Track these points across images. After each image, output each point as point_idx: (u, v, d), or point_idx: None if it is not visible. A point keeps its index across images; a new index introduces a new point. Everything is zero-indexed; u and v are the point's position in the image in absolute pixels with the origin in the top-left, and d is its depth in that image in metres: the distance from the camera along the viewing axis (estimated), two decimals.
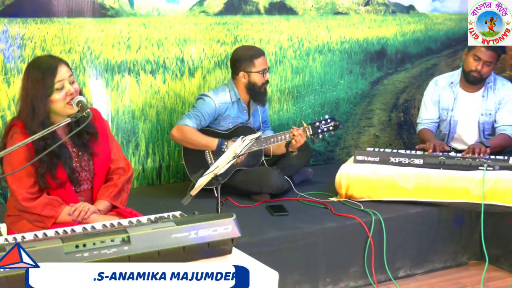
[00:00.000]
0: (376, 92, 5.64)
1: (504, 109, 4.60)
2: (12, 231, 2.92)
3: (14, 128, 2.89)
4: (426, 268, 4.12)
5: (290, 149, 4.26)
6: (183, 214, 2.62)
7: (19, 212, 2.94)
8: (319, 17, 5.32)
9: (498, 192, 3.97)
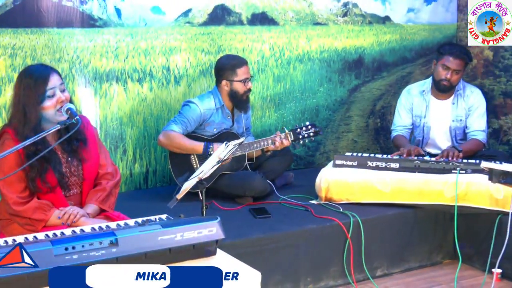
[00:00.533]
0: (354, 99, 5.66)
1: (474, 115, 4.65)
2: (3, 234, 2.89)
3: (5, 135, 2.89)
4: (402, 267, 4.14)
5: (265, 149, 4.28)
6: (169, 217, 2.61)
7: (10, 216, 2.93)
8: (299, 27, 5.34)
9: (470, 194, 4.00)
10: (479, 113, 4.66)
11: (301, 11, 5.33)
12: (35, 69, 2.94)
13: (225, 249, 2.53)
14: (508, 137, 5.61)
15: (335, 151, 5.47)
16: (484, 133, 4.66)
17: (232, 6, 5.02)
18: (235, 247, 3.29)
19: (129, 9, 4.63)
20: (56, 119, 2.84)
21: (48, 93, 2.83)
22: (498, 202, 3.93)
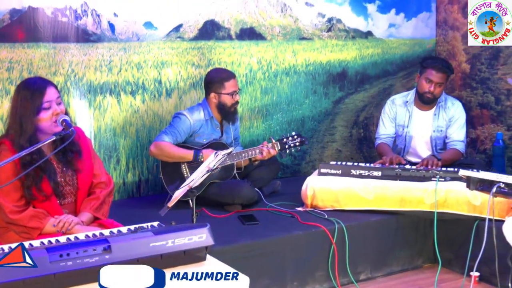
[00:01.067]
0: (338, 110, 5.68)
1: (454, 126, 4.68)
2: (1, 242, 2.87)
3: (2, 146, 2.87)
4: (385, 271, 4.14)
5: (252, 158, 4.29)
6: (160, 224, 2.61)
7: (6, 224, 2.90)
8: (285, 42, 5.35)
9: (449, 201, 4.02)
10: (459, 124, 4.69)
11: (287, 26, 5.35)
12: (33, 82, 2.94)
13: (215, 255, 2.52)
14: (484, 146, 5.65)
15: (320, 160, 5.48)
16: (463, 143, 4.69)
17: (221, 22, 5.03)
18: (224, 253, 3.28)
19: (122, 25, 4.63)
20: (52, 130, 2.84)
21: (45, 105, 2.83)
22: (476, 209, 3.95)
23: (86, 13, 4.46)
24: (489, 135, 5.58)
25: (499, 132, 5.36)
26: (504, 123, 5.45)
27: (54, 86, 2.93)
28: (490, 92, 5.57)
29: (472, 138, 5.69)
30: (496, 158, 5.29)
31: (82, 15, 4.44)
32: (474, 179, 3.20)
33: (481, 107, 5.64)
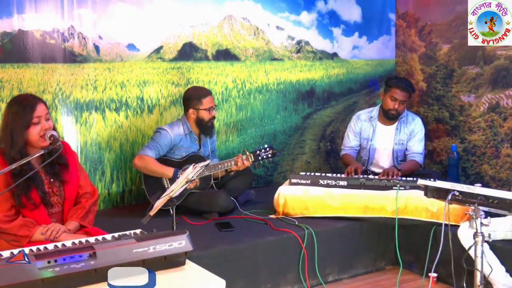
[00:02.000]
0: (307, 125, 5.71)
1: (414, 140, 4.73)
2: None
3: None
4: (351, 273, 4.15)
5: (228, 170, 4.30)
6: (143, 232, 2.59)
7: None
8: (258, 62, 5.38)
9: (409, 208, 4.05)
10: (419, 138, 4.75)
11: (260, 48, 5.38)
12: (24, 98, 2.93)
13: (193, 259, 2.51)
14: (440, 157, 5.71)
15: (291, 171, 5.49)
16: (421, 156, 4.74)
17: (199, 44, 5.04)
18: (202, 257, 3.27)
19: (107, 46, 4.61)
20: (40, 144, 2.84)
21: (34, 120, 2.83)
22: (433, 215, 3.99)
23: (73, 35, 4.44)
24: (445, 147, 5.65)
25: (454, 145, 5.43)
26: (458, 136, 5.53)
27: (44, 103, 2.92)
28: (445, 108, 5.65)
29: (429, 150, 5.75)
30: (451, 168, 5.36)
31: (69, 37, 4.42)
32: (431, 188, 3.23)
33: (437, 122, 5.72)
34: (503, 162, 5.15)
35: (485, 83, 5.29)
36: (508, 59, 5.06)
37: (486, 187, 3.11)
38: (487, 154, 5.28)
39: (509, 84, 5.08)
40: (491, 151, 5.25)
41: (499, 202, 2.94)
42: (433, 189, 3.22)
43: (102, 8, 4.53)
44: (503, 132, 5.15)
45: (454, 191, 3.06)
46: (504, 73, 5.12)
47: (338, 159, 5.53)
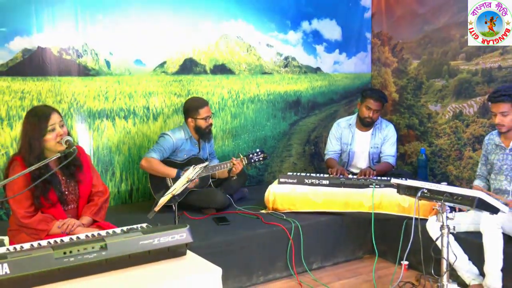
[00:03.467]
0: (293, 131, 5.72)
1: (387, 144, 4.76)
2: (13, 242, 2.83)
3: (15, 162, 2.84)
4: (332, 261, 4.16)
5: (231, 174, 4.29)
6: (148, 226, 2.58)
7: (18, 227, 2.87)
8: (250, 76, 5.38)
9: (384, 204, 4.07)
10: (391, 142, 4.77)
11: (252, 63, 5.38)
12: (39, 109, 2.92)
13: (193, 250, 2.50)
14: (411, 159, 5.73)
15: (280, 171, 5.49)
16: (394, 158, 4.76)
17: (198, 59, 5.04)
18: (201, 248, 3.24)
19: (117, 61, 4.60)
20: (57, 148, 2.82)
21: (49, 128, 2.81)
22: (405, 210, 4.01)
23: (86, 52, 4.43)
24: (415, 150, 5.67)
25: (422, 148, 5.45)
26: (426, 141, 5.55)
27: (57, 112, 2.91)
28: (415, 116, 5.67)
29: (401, 153, 5.77)
30: (420, 169, 5.38)
31: (83, 53, 4.41)
32: (403, 186, 3.25)
33: (408, 128, 5.74)
34: (466, 163, 5.17)
35: (449, 94, 5.31)
36: (470, 73, 5.09)
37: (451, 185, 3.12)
38: (452, 156, 5.30)
39: (471, 95, 5.11)
40: (455, 154, 5.28)
41: (462, 198, 2.95)
42: (405, 187, 3.23)
43: (112, 28, 4.52)
44: (465, 137, 5.18)
45: (423, 189, 3.08)
46: (466, 85, 5.15)
47: (322, 161, 5.54)
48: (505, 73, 4.80)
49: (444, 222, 3.05)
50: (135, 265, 2.26)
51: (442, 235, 3.08)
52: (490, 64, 4.91)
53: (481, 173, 3.74)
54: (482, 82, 4.99)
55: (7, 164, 2.94)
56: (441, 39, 5.35)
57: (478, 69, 5.02)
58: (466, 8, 5.07)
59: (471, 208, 2.96)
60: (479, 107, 5.07)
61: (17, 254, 2.07)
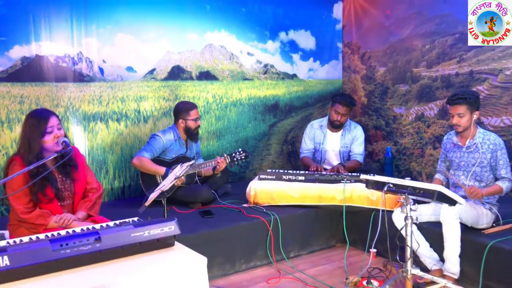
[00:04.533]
0: (272, 132, 5.72)
1: (356, 143, 4.78)
2: (13, 236, 2.78)
3: (14, 161, 2.80)
4: (308, 250, 4.17)
5: (215, 172, 4.27)
6: (139, 219, 2.56)
7: (18, 222, 2.82)
8: (233, 82, 5.37)
9: (354, 197, 4.09)
10: (359, 142, 4.79)
11: (234, 70, 5.37)
12: (39, 112, 2.87)
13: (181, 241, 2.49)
14: (378, 157, 5.78)
15: (260, 169, 5.50)
16: (362, 156, 4.79)
17: (185, 66, 5.01)
18: (188, 239, 3.25)
19: (110, 68, 4.55)
20: (54, 149, 2.79)
21: (48, 130, 2.77)
22: (373, 202, 4.03)
23: (81, 60, 4.38)
24: (381, 149, 5.72)
25: (388, 147, 5.50)
26: (392, 140, 5.60)
27: (56, 115, 2.86)
28: (381, 118, 5.72)
29: (369, 151, 5.82)
30: (386, 166, 5.43)
31: (78, 61, 4.36)
32: (371, 181, 3.27)
33: (375, 129, 5.79)
34: (427, 160, 5.24)
35: (412, 98, 5.37)
36: (431, 79, 5.15)
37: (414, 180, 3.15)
38: (415, 154, 5.35)
39: (431, 98, 5.17)
40: (417, 152, 5.33)
41: (424, 192, 2.98)
42: (373, 182, 3.25)
43: (105, 38, 4.47)
44: (427, 136, 5.24)
45: (389, 184, 3.10)
46: (427, 90, 5.21)
47: (298, 159, 5.56)
48: (461, 79, 4.87)
49: (408, 213, 3.07)
50: (127, 256, 2.23)
51: (406, 225, 3.10)
52: (448, 71, 4.98)
53: (441, 169, 3.79)
54: (441, 87, 5.06)
55: (6, 163, 2.88)
56: (404, 49, 5.41)
57: (438, 76, 5.08)
58: (428, 21, 5.14)
59: (432, 201, 2.99)
60: (438, 109, 5.13)
61: (16, 247, 2.03)
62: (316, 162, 4.80)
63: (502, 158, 3.42)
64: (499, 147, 3.43)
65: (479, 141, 3.47)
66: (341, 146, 4.79)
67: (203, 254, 2.29)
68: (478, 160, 3.46)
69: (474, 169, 3.48)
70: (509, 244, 3.19)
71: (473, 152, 3.49)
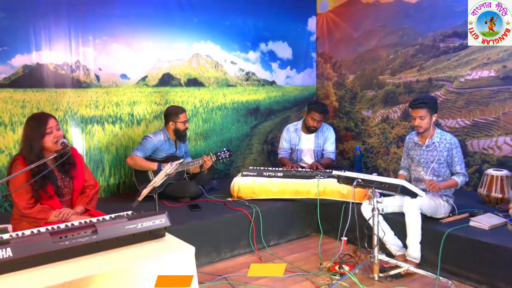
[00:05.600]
0: (254, 133, 5.72)
1: (328, 143, 4.81)
2: (16, 229, 2.73)
3: (16, 161, 2.74)
4: (286, 239, 4.18)
5: (202, 169, 4.25)
6: (133, 213, 2.53)
7: (20, 217, 2.77)
8: (218, 88, 5.36)
9: (327, 191, 4.11)
10: (331, 142, 4.82)
11: (219, 77, 5.36)
12: (38, 116, 2.83)
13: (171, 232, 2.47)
14: (348, 155, 5.82)
15: (243, 166, 5.49)
16: (334, 154, 4.82)
17: (174, 74, 4.98)
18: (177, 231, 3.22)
19: (105, 75, 4.49)
20: (53, 149, 2.74)
21: (47, 131, 2.73)
22: (344, 196, 4.06)
23: (79, 67, 4.31)
24: (351, 148, 5.76)
25: (357, 146, 5.55)
26: (360, 140, 5.65)
27: (54, 118, 2.82)
28: (351, 120, 5.76)
29: (341, 150, 5.86)
30: (356, 163, 5.48)
31: (76, 69, 4.29)
32: (342, 177, 3.29)
33: (346, 130, 5.83)
34: (392, 158, 5.29)
35: (378, 102, 5.42)
36: (394, 85, 5.21)
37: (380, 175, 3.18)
38: (381, 152, 5.41)
39: (395, 103, 5.23)
40: (383, 150, 5.39)
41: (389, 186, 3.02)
42: (343, 177, 3.28)
43: (101, 47, 4.41)
44: (391, 136, 5.29)
45: (358, 179, 3.12)
46: (391, 95, 5.26)
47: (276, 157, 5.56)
48: (421, 85, 4.94)
49: (375, 205, 3.10)
50: (121, 246, 2.21)
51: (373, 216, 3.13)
52: (410, 78, 5.04)
53: (404, 165, 3.83)
54: (404, 92, 5.12)
55: (9, 163, 2.82)
56: (371, 58, 5.46)
57: (401, 83, 5.14)
58: (391, 33, 5.20)
59: (396, 194, 3.03)
60: (401, 112, 5.19)
61: (19, 239, 2.00)
62: (293, 161, 4.82)
63: (457, 155, 3.48)
64: (455, 146, 3.48)
65: (437, 141, 3.52)
66: (315, 146, 4.81)
67: (191, 244, 2.29)
68: (436, 158, 3.51)
69: (433, 165, 3.53)
70: (464, 232, 3.24)
71: (432, 150, 3.55)
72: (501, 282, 3.00)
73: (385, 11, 5.21)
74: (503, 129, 4.27)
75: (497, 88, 4.29)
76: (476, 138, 4.47)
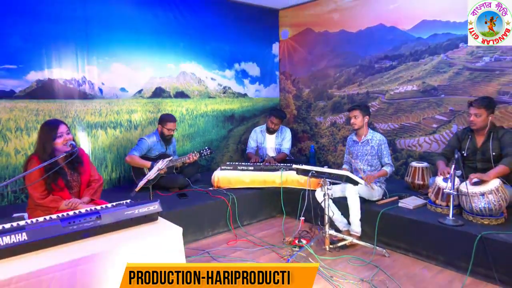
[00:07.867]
0: (230, 135, 5.68)
1: (285, 141, 4.82)
2: (31, 217, 2.62)
3: (32, 160, 2.63)
4: (257, 219, 4.16)
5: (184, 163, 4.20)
6: (131, 201, 2.47)
7: (35, 206, 2.66)
8: (201, 99, 5.29)
9: (289, 181, 4.13)
10: (287, 140, 4.84)
11: (202, 90, 5.29)
12: (50, 122, 2.72)
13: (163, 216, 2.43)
14: (305, 152, 5.87)
15: (221, 162, 5.45)
16: (288, 149, 4.80)
17: (165, 88, 4.88)
18: (168, 215, 3.17)
19: (107, 89, 4.36)
20: (64, 149, 2.64)
21: (58, 135, 2.63)
22: (302, 184, 4.07)
23: (85, 82, 4.17)
24: (307, 146, 5.81)
25: (312, 145, 5.59)
26: (314, 140, 5.71)
27: (64, 123, 2.72)
28: (307, 124, 5.81)
29: (298, 148, 5.90)
30: (311, 158, 5.52)
31: (82, 83, 4.15)
32: (300, 169, 3.31)
33: (303, 132, 5.87)
34: (339, 154, 5.37)
35: (328, 110, 5.49)
36: (340, 97, 5.28)
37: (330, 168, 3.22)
38: (330, 150, 5.48)
39: (341, 111, 5.30)
40: (332, 148, 5.46)
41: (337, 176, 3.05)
42: (301, 170, 3.30)
43: (103, 66, 4.28)
44: (338, 137, 5.37)
45: (312, 171, 3.15)
46: (338, 105, 5.34)
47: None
48: (361, 97, 5.03)
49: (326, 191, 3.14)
50: (121, 229, 2.16)
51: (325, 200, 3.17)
52: (352, 91, 5.13)
53: (346, 159, 3.90)
54: (347, 103, 5.20)
55: (25, 161, 2.71)
56: (322, 76, 5.52)
57: (345, 95, 5.22)
58: (337, 56, 5.27)
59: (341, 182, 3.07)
60: (346, 118, 5.28)
61: (33, 225, 1.92)
62: (260, 157, 4.82)
63: (385, 149, 3.57)
64: (383, 142, 3.57)
65: (369, 138, 3.61)
66: (275, 144, 4.83)
67: (180, 225, 2.25)
68: (369, 151, 3.59)
69: (367, 157, 3.61)
70: (394, 211, 3.32)
71: (365, 146, 3.62)
72: (423, 250, 3.09)
73: (332, 38, 5.28)
74: (423, 131, 4.41)
75: (418, 99, 4.43)
76: (403, 138, 4.60)
